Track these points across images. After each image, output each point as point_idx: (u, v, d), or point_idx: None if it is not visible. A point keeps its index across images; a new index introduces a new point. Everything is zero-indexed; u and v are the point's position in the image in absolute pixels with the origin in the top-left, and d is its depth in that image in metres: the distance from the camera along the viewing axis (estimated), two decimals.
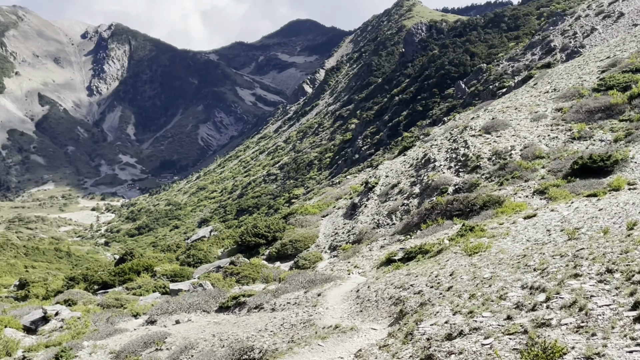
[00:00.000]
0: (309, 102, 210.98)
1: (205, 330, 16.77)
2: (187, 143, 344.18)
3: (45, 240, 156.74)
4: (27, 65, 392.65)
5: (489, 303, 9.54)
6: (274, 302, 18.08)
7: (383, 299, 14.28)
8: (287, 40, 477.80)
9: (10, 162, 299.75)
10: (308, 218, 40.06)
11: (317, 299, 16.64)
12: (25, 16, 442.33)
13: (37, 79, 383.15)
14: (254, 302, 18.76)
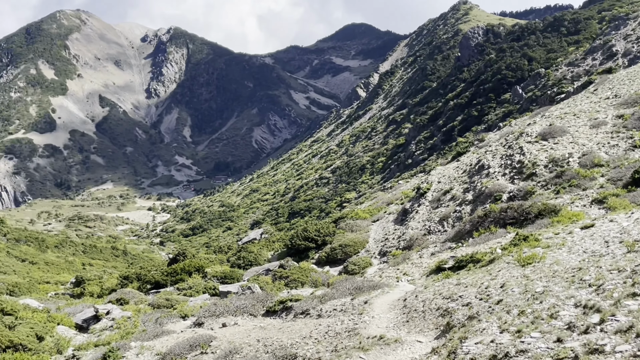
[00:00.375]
0: (362, 106, 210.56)
1: (250, 335, 16.71)
2: (241, 145, 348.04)
3: (103, 239, 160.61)
4: (88, 67, 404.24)
5: (539, 322, 9.11)
6: (320, 308, 17.91)
7: (430, 309, 13.93)
8: (341, 44, 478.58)
9: (72, 161, 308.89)
10: (358, 223, 39.74)
11: (364, 306, 16.39)
12: (88, 20, 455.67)
13: (98, 81, 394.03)
14: (301, 307, 18.63)
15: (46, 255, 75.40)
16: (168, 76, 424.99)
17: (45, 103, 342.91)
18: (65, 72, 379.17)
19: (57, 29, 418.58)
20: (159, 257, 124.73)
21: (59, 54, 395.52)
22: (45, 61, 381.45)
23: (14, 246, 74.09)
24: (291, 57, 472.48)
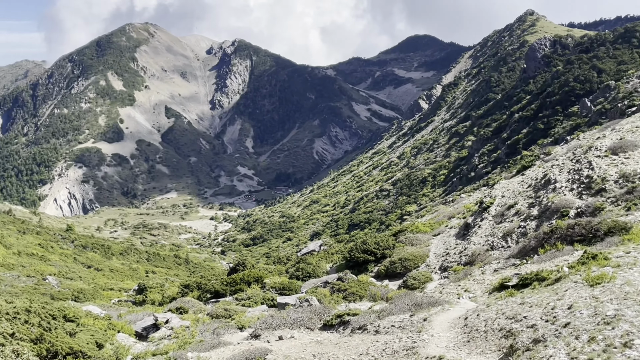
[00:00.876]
0: (424, 118, 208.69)
1: (306, 350, 16.48)
2: (302, 157, 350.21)
3: (166, 247, 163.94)
4: (155, 79, 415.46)
5: (611, 351, 8.52)
6: (377, 323, 17.53)
7: (493, 329, 13.38)
8: (404, 55, 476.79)
9: (138, 170, 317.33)
10: (419, 236, 39.08)
11: (423, 324, 15.93)
12: (156, 33, 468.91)
13: (165, 92, 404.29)
14: (358, 322, 18.29)
15: (111, 262, 77.24)
16: (232, 88, 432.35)
17: (114, 113, 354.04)
18: (133, 84, 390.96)
19: (126, 42, 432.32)
20: (220, 266, 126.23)
21: (128, 66, 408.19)
22: (115, 73, 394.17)
23: (80, 253, 76.24)
24: (353, 68, 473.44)
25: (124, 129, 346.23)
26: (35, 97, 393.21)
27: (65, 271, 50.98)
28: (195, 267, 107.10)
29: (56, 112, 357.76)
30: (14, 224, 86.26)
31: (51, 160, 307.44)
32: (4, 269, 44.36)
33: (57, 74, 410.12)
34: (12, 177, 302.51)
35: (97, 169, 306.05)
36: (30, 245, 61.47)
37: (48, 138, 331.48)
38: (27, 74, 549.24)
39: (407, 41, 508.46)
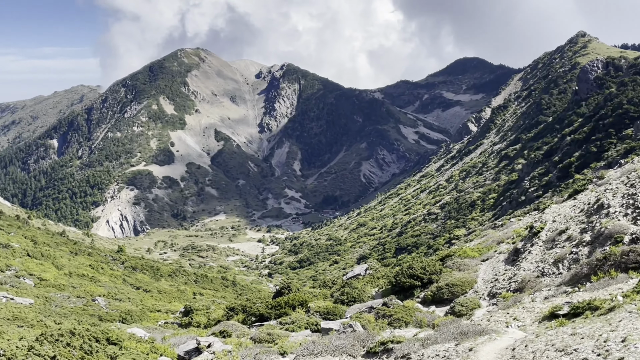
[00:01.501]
0: (473, 140, 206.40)
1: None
2: (349, 179, 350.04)
3: (214, 269, 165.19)
4: (205, 102, 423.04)
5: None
6: (422, 352, 17.05)
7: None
8: (452, 78, 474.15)
9: (187, 193, 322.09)
10: (466, 261, 38.28)
11: (468, 354, 15.40)
12: (206, 58, 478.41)
13: (214, 116, 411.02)
14: (402, 350, 17.83)
15: (160, 283, 78.08)
16: (280, 111, 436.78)
17: (165, 137, 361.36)
18: (184, 108, 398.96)
19: (177, 67, 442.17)
20: (267, 288, 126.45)
21: (179, 90, 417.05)
22: (166, 97, 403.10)
23: (130, 274, 77.34)
24: (401, 91, 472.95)
25: (175, 152, 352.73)
26: (90, 121, 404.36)
27: (114, 292, 51.70)
28: (242, 290, 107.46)
29: (109, 135, 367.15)
30: (66, 245, 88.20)
31: (104, 182, 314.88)
32: (55, 289, 45.20)
33: (111, 99, 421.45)
34: (66, 199, 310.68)
35: (148, 191, 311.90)
36: (81, 267, 62.65)
37: (101, 161, 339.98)
38: (82, 98, 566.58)
39: (455, 64, 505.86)
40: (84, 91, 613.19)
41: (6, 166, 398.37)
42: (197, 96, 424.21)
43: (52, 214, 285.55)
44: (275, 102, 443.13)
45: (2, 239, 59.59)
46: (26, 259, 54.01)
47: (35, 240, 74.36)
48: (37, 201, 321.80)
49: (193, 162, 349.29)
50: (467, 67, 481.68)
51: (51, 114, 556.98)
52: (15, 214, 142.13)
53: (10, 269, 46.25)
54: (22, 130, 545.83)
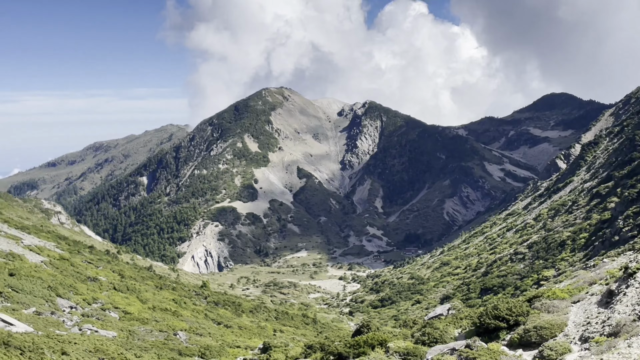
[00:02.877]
0: (562, 178, 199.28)
1: None
2: (432, 217, 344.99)
3: (295, 306, 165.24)
4: (288, 140, 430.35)
5: None
6: None
7: None
8: (540, 114, 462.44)
9: (270, 229, 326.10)
10: (556, 303, 36.25)
11: None
12: (290, 96, 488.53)
13: (297, 153, 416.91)
14: None
15: (241, 319, 78.49)
16: (362, 148, 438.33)
17: (249, 174, 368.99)
18: (268, 145, 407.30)
19: (262, 106, 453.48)
20: (347, 327, 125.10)
21: (263, 129, 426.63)
22: (251, 135, 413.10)
23: (212, 309, 78.19)
24: (485, 128, 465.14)
25: (258, 188, 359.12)
26: (178, 159, 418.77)
27: (195, 327, 52.15)
28: (323, 327, 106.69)
29: (196, 173, 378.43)
30: (152, 279, 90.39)
31: (190, 218, 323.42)
32: (139, 323, 46.01)
33: (198, 137, 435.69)
34: (154, 234, 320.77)
35: (232, 228, 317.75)
36: (164, 301, 63.78)
37: (188, 197, 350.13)
38: (171, 137, 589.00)
39: (542, 99, 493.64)
40: (173, 130, 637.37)
41: (99, 202, 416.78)
42: (281, 134, 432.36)
43: (141, 249, 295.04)
44: (357, 139, 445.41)
45: (91, 273, 61.58)
46: (112, 292, 55.46)
47: (122, 274, 76.55)
48: (126, 236, 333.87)
49: (276, 199, 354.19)
50: (555, 103, 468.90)
51: (142, 152, 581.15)
52: (106, 248, 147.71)
53: (97, 302, 47.51)
54: (114, 168, 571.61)
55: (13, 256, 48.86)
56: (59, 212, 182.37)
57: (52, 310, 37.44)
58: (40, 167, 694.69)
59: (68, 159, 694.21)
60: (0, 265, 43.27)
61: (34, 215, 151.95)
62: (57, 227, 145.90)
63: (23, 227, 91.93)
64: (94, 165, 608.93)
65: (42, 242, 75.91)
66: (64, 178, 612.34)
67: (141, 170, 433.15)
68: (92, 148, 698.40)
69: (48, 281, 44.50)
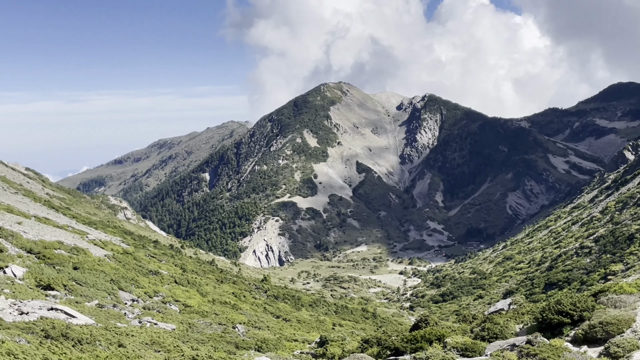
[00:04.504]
0: (630, 169, 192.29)
1: None
2: (494, 211, 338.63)
3: (355, 300, 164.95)
4: (347, 135, 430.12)
5: None
6: None
7: None
8: (606, 104, 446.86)
9: (330, 224, 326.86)
10: (623, 298, 34.77)
11: None
12: (348, 91, 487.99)
13: (356, 148, 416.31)
14: None
15: (300, 313, 78.75)
16: (421, 142, 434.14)
17: (308, 169, 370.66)
18: (327, 140, 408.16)
19: (320, 101, 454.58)
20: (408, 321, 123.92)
21: (322, 124, 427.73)
22: (310, 130, 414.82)
23: (272, 302, 78.73)
24: (549, 119, 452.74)
25: (318, 183, 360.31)
26: (239, 155, 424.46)
27: (254, 320, 52.54)
28: (383, 322, 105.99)
29: (256, 168, 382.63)
30: (213, 273, 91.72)
31: (251, 214, 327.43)
32: (198, 315, 46.62)
33: (258, 133, 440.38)
34: (216, 229, 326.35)
35: (292, 222, 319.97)
36: (224, 294, 64.52)
37: (249, 193, 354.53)
38: (232, 133, 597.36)
39: (608, 89, 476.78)
40: (234, 127, 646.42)
41: (163, 198, 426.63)
42: (339, 129, 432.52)
43: (204, 243, 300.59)
44: (416, 133, 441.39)
45: (153, 267, 62.84)
46: (173, 285, 56.43)
47: (184, 268, 77.92)
48: (190, 231, 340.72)
49: (335, 194, 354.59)
50: (622, 93, 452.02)
51: (204, 149, 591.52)
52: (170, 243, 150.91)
53: (158, 295, 48.39)
54: (177, 165, 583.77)
55: (77, 250, 50.26)
56: (125, 208, 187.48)
57: (114, 303, 38.27)
58: (108, 165, 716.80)
59: (134, 156, 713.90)
60: (64, 258, 44.55)
61: (101, 211, 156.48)
62: (123, 223, 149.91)
63: (90, 223, 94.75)
64: (159, 162, 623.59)
65: (108, 236, 77.96)
66: (130, 175, 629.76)
67: (203, 166, 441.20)
68: (156, 145, 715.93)
69: (111, 274, 45.55)
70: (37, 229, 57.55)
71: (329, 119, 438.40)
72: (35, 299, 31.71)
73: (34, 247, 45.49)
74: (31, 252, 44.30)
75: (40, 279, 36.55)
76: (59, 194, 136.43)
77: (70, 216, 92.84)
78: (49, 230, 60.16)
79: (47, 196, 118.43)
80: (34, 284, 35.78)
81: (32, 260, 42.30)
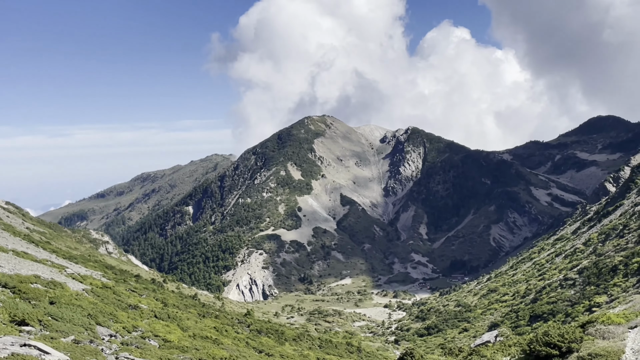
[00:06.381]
0: (611, 201, 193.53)
1: None
2: (478, 243, 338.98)
3: (339, 334, 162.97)
4: (331, 167, 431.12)
5: None
6: None
7: None
8: (586, 137, 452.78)
9: (314, 257, 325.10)
10: (611, 329, 34.37)
11: None
12: (332, 124, 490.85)
13: (340, 180, 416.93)
14: None
15: (283, 347, 77.33)
16: (405, 174, 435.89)
17: (292, 202, 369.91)
18: (311, 173, 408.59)
19: (304, 134, 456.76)
20: (393, 356, 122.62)
21: (306, 156, 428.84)
22: (294, 163, 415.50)
23: (254, 337, 77.26)
24: (530, 152, 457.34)
25: (302, 216, 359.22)
26: (223, 188, 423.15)
27: (235, 355, 51.27)
28: (368, 356, 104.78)
29: (240, 201, 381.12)
30: (195, 307, 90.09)
31: (235, 247, 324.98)
32: (178, 351, 45.35)
33: (242, 166, 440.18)
34: (200, 263, 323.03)
35: (277, 255, 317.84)
36: (205, 329, 63.17)
37: (233, 226, 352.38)
38: (216, 167, 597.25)
39: (588, 122, 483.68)
40: (218, 160, 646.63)
41: (146, 232, 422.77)
42: (323, 161, 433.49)
43: (187, 277, 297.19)
44: (399, 166, 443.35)
45: (133, 301, 61.47)
46: (153, 320, 55.08)
47: (165, 303, 76.40)
48: (173, 265, 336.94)
49: (319, 226, 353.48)
50: (602, 126, 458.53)
51: (187, 182, 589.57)
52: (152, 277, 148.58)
53: (137, 330, 47.11)
54: (161, 198, 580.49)
55: (54, 284, 49.01)
56: (106, 242, 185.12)
57: (91, 339, 37.08)
58: (90, 199, 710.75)
59: (116, 189, 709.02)
60: (40, 293, 43.34)
61: (83, 245, 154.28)
62: (104, 257, 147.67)
63: (71, 257, 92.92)
64: (142, 196, 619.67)
65: (88, 271, 76.49)
66: (112, 209, 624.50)
67: (187, 199, 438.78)
68: (139, 179, 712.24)
69: (88, 309, 44.33)
70: (13, 263, 56.21)
71: (313, 152, 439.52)
72: (8, 334, 30.58)
73: (9, 281, 44.24)
74: (6, 287, 43.05)
75: (14, 314, 35.37)
76: (39, 227, 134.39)
77: (50, 250, 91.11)
78: (26, 265, 58.82)
79: (27, 230, 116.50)
80: (8, 319, 34.60)
81: (7, 295, 41.08)
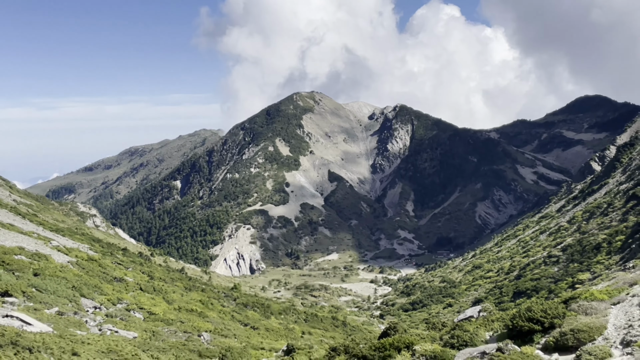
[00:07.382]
0: (596, 180, 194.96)
1: None
2: (464, 221, 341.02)
3: (325, 309, 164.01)
4: (319, 144, 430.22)
5: None
6: None
7: None
8: (573, 117, 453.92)
9: (301, 233, 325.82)
10: (594, 305, 34.51)
11: None
12: (321, 100, 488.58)
13: (328, 157, 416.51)
14: None
15: (269, 321, 77.70)
16: (392, 152, 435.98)
17: (280, 178, 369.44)
18: (299, 149, 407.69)
19: (293, 110, 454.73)
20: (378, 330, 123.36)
21: (294, 132, 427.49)
22: (282, 139, 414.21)
23: (240, 310, 77.54)
24: (517, 131, 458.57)
25: (289, 192, 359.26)
26: (211, 163, 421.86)
27: (221, 328, 51.43)
28: (353, 330, 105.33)
29: (228, 176, 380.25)
30: (181, 281, 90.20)
31: (222, 222, 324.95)
32: (163, 323, 45.42)
33: (230, 141, 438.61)
34: (187, 237, 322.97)
35: (264, 231, 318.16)
36: (191, 302, 63.24)
37: (220, 201, 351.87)
38: (204, 142, 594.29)
39: (575, 102, 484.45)
40: (206, 135, 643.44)
41: (134, 206, 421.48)
42: (312, 138, 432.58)
43: (174, 251, 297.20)
44: (387, 143, 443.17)
45: (119, 274, 61.33)
46: (138, 292, 55.04)
47: (151, 276, 76.37)
48: (160, 239, 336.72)
49: (307, 202, 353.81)
50: (589, 105, 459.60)
51: (175, 157, 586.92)
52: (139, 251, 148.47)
53: (122, 302, 47.06)
54: (149, 172, 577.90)
55: (39, 256, 48.71)
56: (94, 215, 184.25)
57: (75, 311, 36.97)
58: (78, 172, 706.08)
59: (104, 163, 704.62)
60: (25, 264, 43.06)
61: (70, 218, 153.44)
62: (91, 230, 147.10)
63: (57, 230, 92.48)
64: (130, 170, 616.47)
65: (75, 243, 76.15)
66: (100, 182, 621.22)
67: (175, 174, 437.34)
68: (127, 153, 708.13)
69: (73, 281, 44.16)
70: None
71: (302, 128, 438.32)
72: None
73: None
74: None
75: None
76: (26, 200, 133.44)
77: (37, 223, 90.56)
78: (11, 236, 58.41)
79: (14, 202, 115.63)
80: None
81: None
